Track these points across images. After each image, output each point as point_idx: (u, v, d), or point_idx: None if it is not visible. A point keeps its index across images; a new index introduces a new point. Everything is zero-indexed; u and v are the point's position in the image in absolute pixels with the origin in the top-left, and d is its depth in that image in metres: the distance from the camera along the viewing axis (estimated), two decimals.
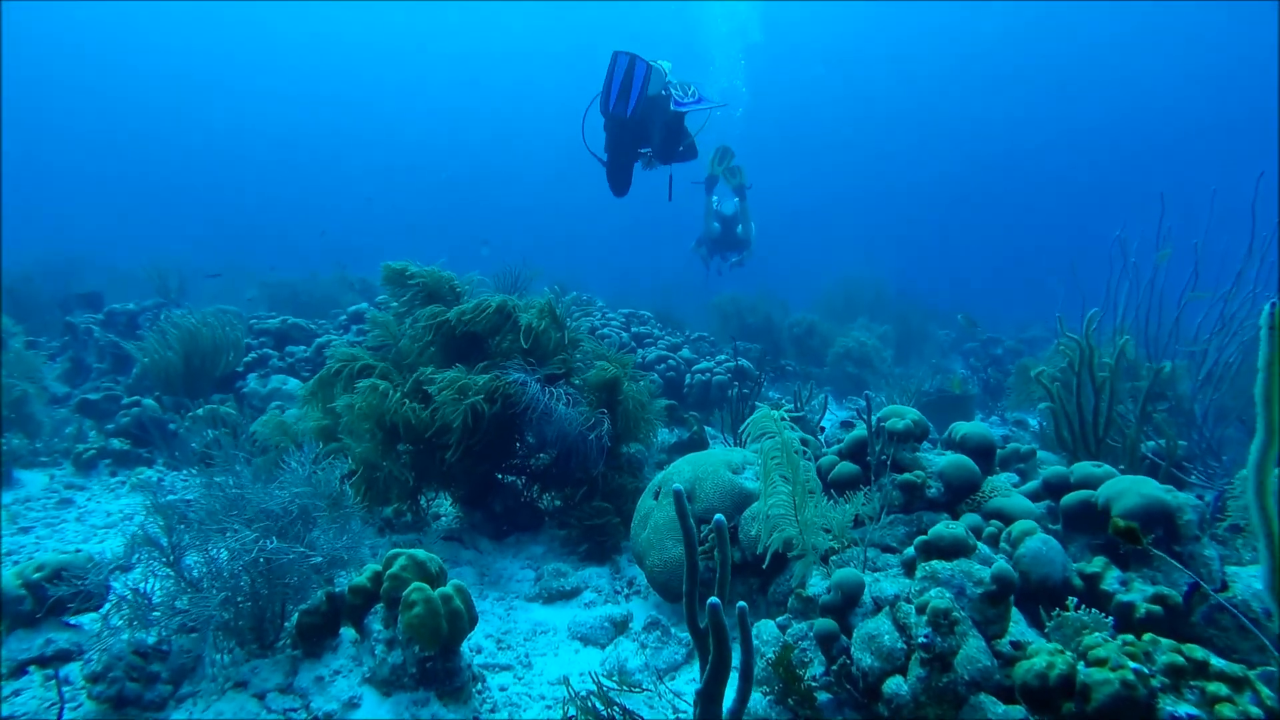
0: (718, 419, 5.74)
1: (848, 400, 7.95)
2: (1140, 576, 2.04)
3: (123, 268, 12.44)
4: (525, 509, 3.78)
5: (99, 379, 5.46)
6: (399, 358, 3.60)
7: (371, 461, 3.23)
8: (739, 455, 3.04)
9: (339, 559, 2.56)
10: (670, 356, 6.29)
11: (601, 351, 3.75)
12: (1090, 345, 2.78)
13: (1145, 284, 3.39)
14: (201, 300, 10.47)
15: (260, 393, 5.64)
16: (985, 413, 7.67)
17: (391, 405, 3.12)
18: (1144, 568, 2.11)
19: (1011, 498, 2.46)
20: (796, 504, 2.17)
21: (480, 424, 3.08)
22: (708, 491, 2.86)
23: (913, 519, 2.63)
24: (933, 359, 10.45)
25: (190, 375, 5.24)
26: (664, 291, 13.61)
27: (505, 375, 3.23)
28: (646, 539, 2.97)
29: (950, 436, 2.77)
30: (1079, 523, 2.35)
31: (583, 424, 3.24)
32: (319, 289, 11.87)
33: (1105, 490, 2.22)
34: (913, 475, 2.61)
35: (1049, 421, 4.43)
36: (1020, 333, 13.75)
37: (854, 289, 11.91)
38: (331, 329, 7.39)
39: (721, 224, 8.73)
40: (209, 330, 5.34)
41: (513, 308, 3.43)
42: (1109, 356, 3.61)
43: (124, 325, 7.10)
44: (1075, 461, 3.44)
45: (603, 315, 7.17)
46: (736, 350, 6.58)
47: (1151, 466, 3.10)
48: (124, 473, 4.25)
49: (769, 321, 9.60)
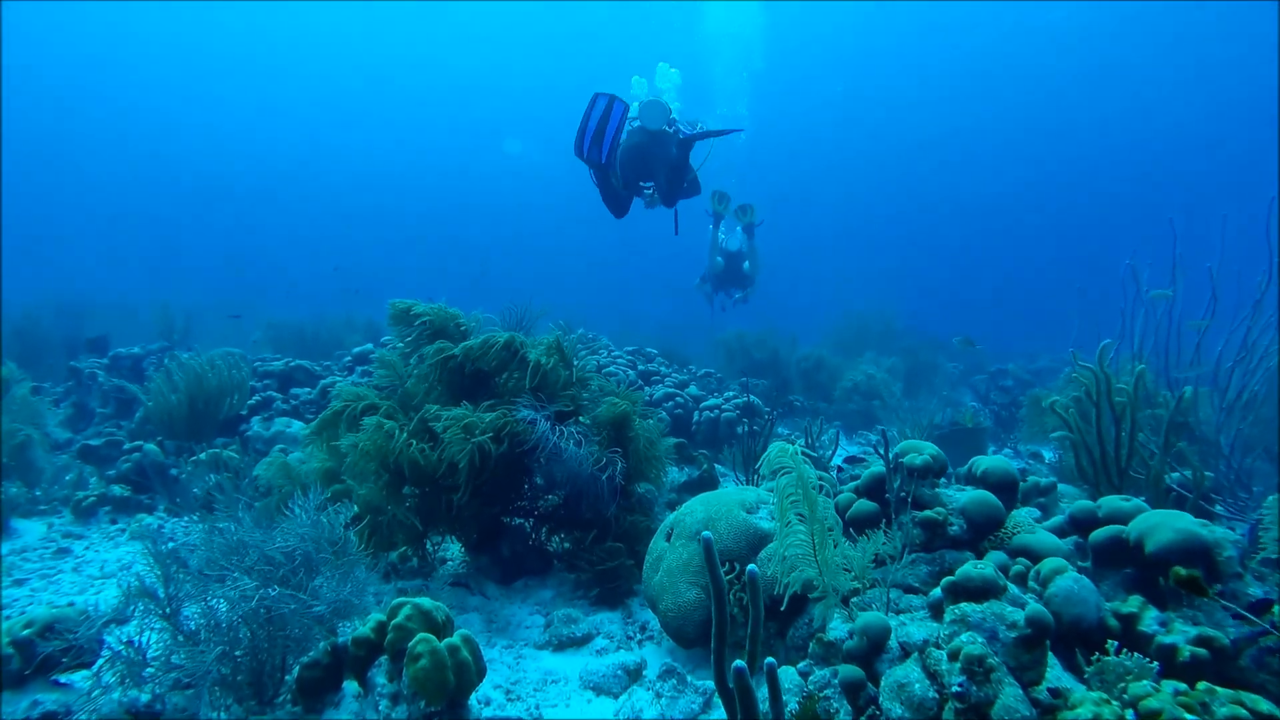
0: (727, 456, 5.65)
1: (857, 435, 7.86)
2: (1180, 616, 1.94)
3: (130, 308, 12.51)
4: (533, 552, 3.69)
5: (101, 424, 5.41)
6: (405, 398, 3.55)
7: (376, 505, 3.16)
8: (752, 494, 2.96)
9: (342, 608, 2.48)
10: (678, 394, 6.23)
11: (610, 388, 3.70)
12: (1106, 373, 2.71)
13: (1161, 312, 3.34)
14: (208, 342, 10.49)
15: (264, 436, 5.59)
16: (997, 445, 7.56)
17: (398, 445, 3.06)
18: (1183, 606, 2.02)
19: (1037, 534, 2.37)
20: (815, 543, 2.09)
21: (487, 464, 3.01)
22: (722, 532, 2.77)
23: (935, 558, 2.54)
24: (942, 391, 10.36)
25: (194, 419, 5.20)
26: (669, 329, 13.61)
27: (514, 413, 3.17)
28: (659, 583, 2.87)
29: (971, 471, 2.69)
30: (1110, 559, 2.25)
31: (594, 464, 3.16)
32: (324, 330, 11.89)
33: (1137, 525, 2.13)
34: (934, 512, 2.52)
35: (1066, 453, 4.34)
36: (1029, 363, 13.66)
37: (861, 322, 11.87)
38: (336, 370, 7.37)
39: (725, 259, 8.67)
40: (214, 373, 5.31)
41: (520, 344, 3.39)
42: (1125, 384, 3.55)
43: (129, 369, 7.09)
44: (1097, 494, 3.35)
45: (609, 353, 7.13)
46: (746, 386, 6.52)
47: (1178, 499, 3.00)
48: (124, 520, 4.17)
49: (776, 356, 9.55)
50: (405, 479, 3.15)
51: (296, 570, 2.26)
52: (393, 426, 3.05)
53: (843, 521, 2.64)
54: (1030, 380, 11.50)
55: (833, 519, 2.04)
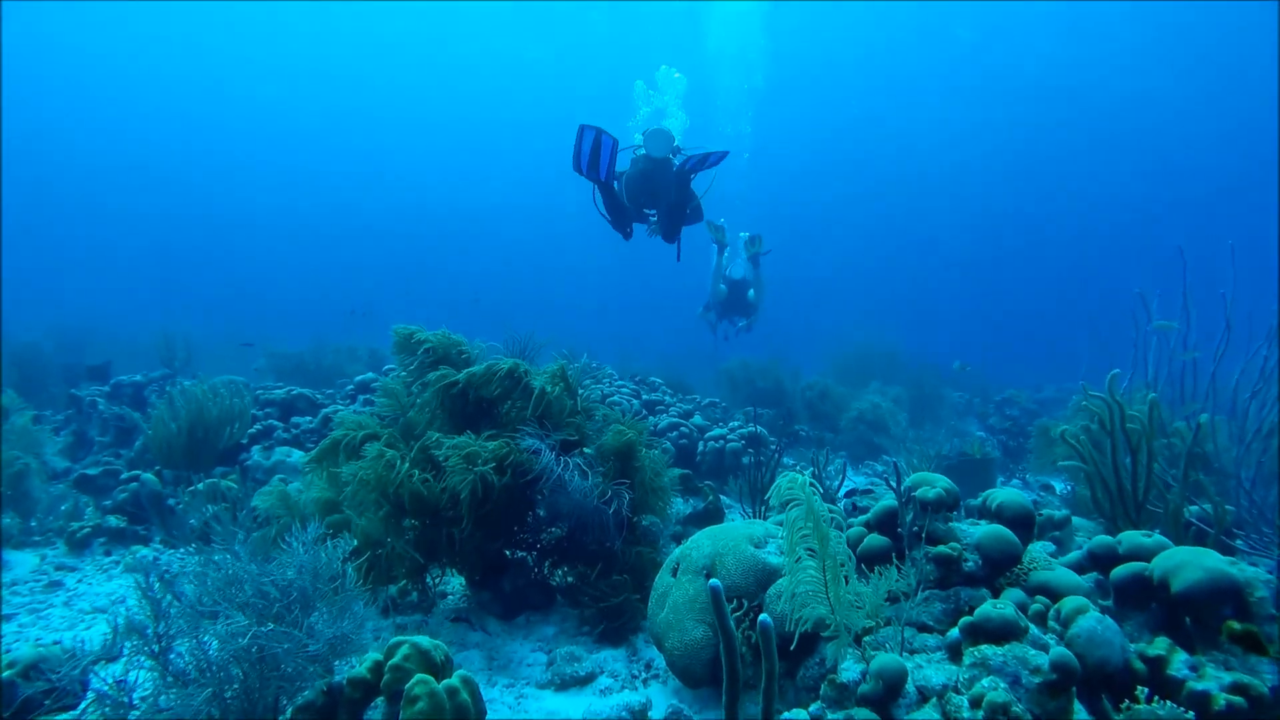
0: (733, 487, 5.57)
1: (863, 465, 7.77)
2: (1212, 660, 1.86)
3: (133, 337, 12.54)
4: (536, 587, 3.60)
5: (100, 453, 5.36)
6: (408, 427, 3.50)
7: (376, 537, 3.09)
8: (760, 528, 2.88)
9: (339, 644, 2.40)
10: (682, 424, 6.17)
11: (615, 417, 3.64)
12: (1118, 403, 2.65)
13: (1174, 342, 3.28)
14: (211, 369, 10.45)
15: (264, 465, 5.53)
16: (1005, 476, 7.46)
17: (399, 476, 3.00)
18: (1213, 650, 1.93)
19: (1056, 571, 2.30)
20: (827, 579, 2.01)
21: (490, 494, 2.95)
22: (729, 568, 2.69)
23: (950, 595, 2.46)
24: (949, 421, 10.28)
25: (193, 448, 5.14)
26: (672, 358, 13.57)
27: (517, 442, 3.12)
28: (665, 619, 2.78)
29: (985, 505, 2.62)
30: (1133, 598, 2.17)
31: (599, 496, 3.10)
32: (326, 359, 11.88)
33: (1161, 563, 2.06)
34: (948, 548, 2.45)
35: (1079, 485, 4.26)
36: (1035, 393, 13.57)
37: (866, 351, 11.82)
38: (339, 398, 7.32)
39: (729, 287, 8.66)
40: (216, 401, 5.27)
41: (524, 372, 3.35)
42: (1139, 413, 3.49)
43: (130, 397, 7.05)
44: (1114, 528, 3.27)
45: (612, 382, 7.09)
46: (754, 416, 6.46)
47: (1198, 534, 2.92)
48: (119, 552, 4.10)
49: (780, 386, 9.48)
50: (406, 510, 3.09)
51: (291, 606, 2.19)
52: (394, 456, 2.99)
53: (854, 556, 2.56)
54: (1036, 409, 11.41)
55: (844, 554, 1.97)
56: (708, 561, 2.79)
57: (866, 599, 2.22)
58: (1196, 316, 3.31)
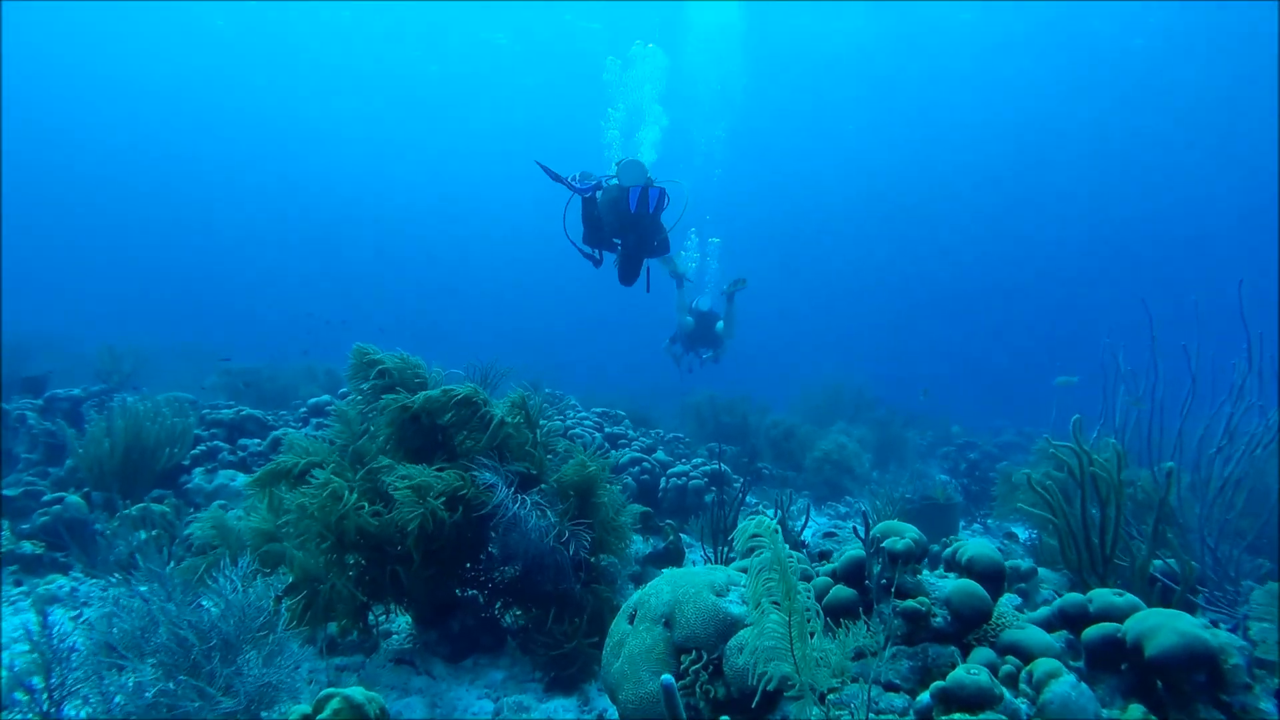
0: (694, 526, 5.44)
1: (826, 506, 7.70)
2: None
3: (79, 349, 12.04)
4: (486, 627, 3.42)
5: (24, 471, 5.02)
6: (358, 455, 3.31)
7: (316, 573, 2.89)
8: (722, 575, 2.76)
9: (268, 693, 2.20)
10: (644, 459, 6.04)
11: (576, 450, 3.50)
12: (1085, 451, 2.61)
13: (1143, 392, 3.29)
14: (158, 385, 10.03)
15: (205, 489, 5.24)
16: (967, 520, 7.46)
17: (345, 508, 2.81)
18: (1185, 717, 1.86)
19: (1027, 630, 2.22)
20: (793, 635, 1.90)
21: (441, 531, 2.78)
22: (689, 617, 2.56)
23: (918, 651, 2.36)
24: (911, 464, 10.31)
25: (128, 469, 4.84)
26: (637, 391, 13.48)
27: (472, 475, 2.96)
28: (620, 670, 2.63)
29: (955, 558, 2.54)
30: (1105, 661, 2.10)
31: (556, 536, 2.95)
32: (281, 378, 11.52)
33: (1135, 625, 1.99)
34: (916, 603, 2.36)
35: (1046, 534, 4.23)
36: (994, 437, 13.75)
37: (834, 392, 11.86)
38: (291, 420, 7.04)
39: (696, 318, 8.68)
40: (155, 421, 4.99)
41: (483, 400, 3.20)
42: (1107, 460, 3.47)
43: (66, 412, 6.69)
44: (1080, 581, 3.22)
45: (576, 413, 6.94)
46: (717, 454, 6.37)
47: (1163, 590, 2.88)
48: (31, 581, 3.78)
49: (745, 423, 9.42)
50: (349, 545, 2.90)
51: (211, 654, 1.99)
52: (340, 486, 2.81)
53: (820, 611, 2.46)
54: (997, 454, 11.53)
55: (812, 608, 1.87)
56: (667, 609, 2.65)
57: (832, 656, 2.11)
58: (1165, 368, 3.32)
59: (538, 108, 31.35)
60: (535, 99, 30.79)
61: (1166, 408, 3.21)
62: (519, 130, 33.13)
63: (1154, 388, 3.29)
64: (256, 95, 33.84)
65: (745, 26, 17.43)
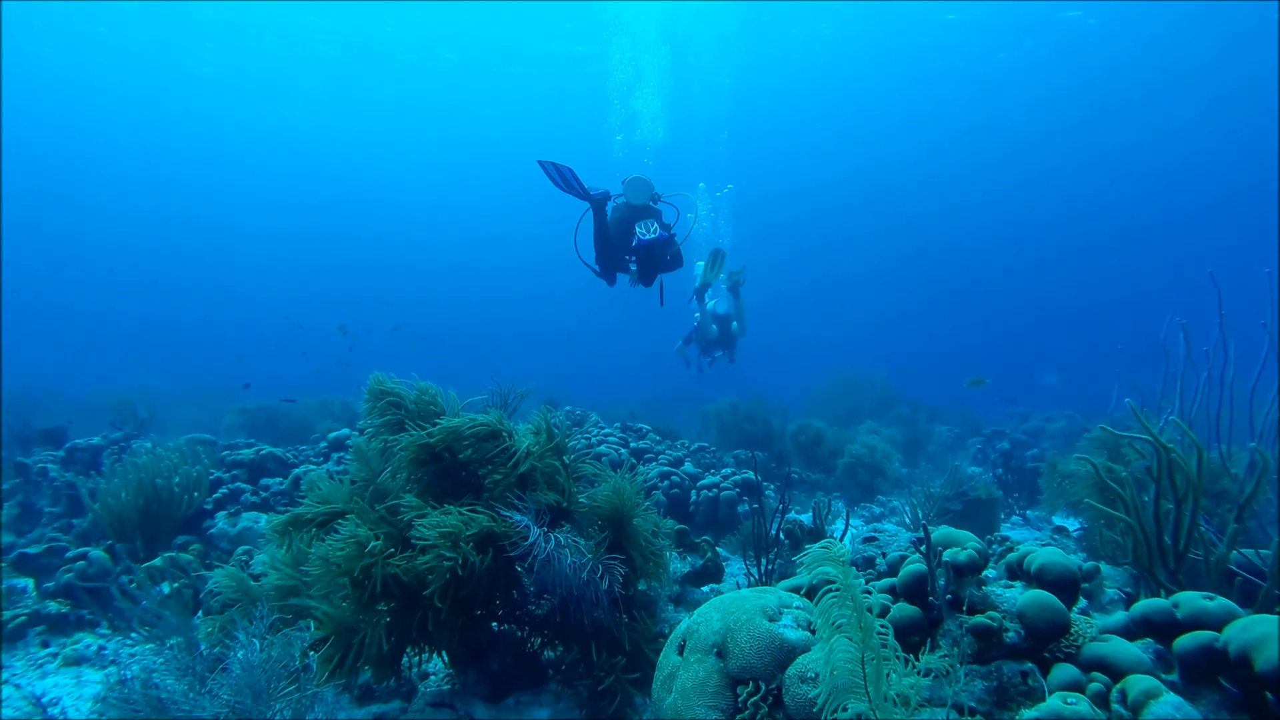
0: (730, 540, 5.30)
1: (860, 507, 7.52)
2: None
3: (96, 396, 12.10)
4: (526, 663, 3.28)
5: (48, 525, 4.95)
6: (379, 494, 3.20)
7: (349, 624, 2.76)
8: (773, 597, 2.61)
9: None
10: (674, 473, 5.90)
11: (606, 474, 3.36)
12: (1166, 447, 2.44)
13: (1212, 374, 3.10)
14: (177, 429, 10.02)
15: (229, 533, 5.16)
16: (1005, 512, 7.25)
17: (373, 558, 2.68)
18: None
19: (1112, 643, 2.05)
20: (866, 674, 1.75)
21: (472, 574, 2.66)
22: (743, 646, 2.41)
23: (991, 670, 2.20)
24: (941, 458, 10.10)
25: (150, 519, 4.76)
26: (655, 400, 13.36)
27: (501, 515, 2.83)
28: (673, 705, 2.48)
29: (1024, 566, 2.38)
30: (1202, 675, 1.93)
31: (590, 570, 2.81)
32: (298, 413, 11.51)
33: (1237, 635, 1.82)
34: (986, 618, 2.20)
35: (1098, 525, 4.03)
36: (1021, 424, 13.49)
37: (855, 392, 11.66)
38: (311, 455, 6.96)
39: (718, 324, 8.69)
40: (166, 473, 4.91)
41: (507, 432, 3.07)
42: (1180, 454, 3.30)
43: (87, 462, 6.64)
44: (1150, 579, 3.04)
45: (599, 430, 6.82)
46: (749, 462, 6.23)
47: (1244, 584, 2.69)
48: (59, 642, 3.69)
49: (769, 429, 9.27)
50: (379, 595, 2.77)
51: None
52: (367, 536, 2.69)
53: (897, 648, 2.31)
54: (1027, 441, 11.29)
55: (891, 645, 1.72)
56: (718, 639, 2.51)
57: (906, 687, 1.96)
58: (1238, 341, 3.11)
59: (543, 111, 31.31)
60: (543, 102, 30.70)
61: (1237, 389, 3.02)
62: (513, 132, 33.22)
63: (1223, 368, 3.09)
64: (248, 118, 33.96)
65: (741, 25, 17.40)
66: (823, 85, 28.21)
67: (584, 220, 6.01)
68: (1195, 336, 3.29)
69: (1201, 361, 3.07)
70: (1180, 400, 3.22)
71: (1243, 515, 2.43)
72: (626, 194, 5.91)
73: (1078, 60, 24.06)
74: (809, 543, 4.91)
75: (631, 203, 5.89)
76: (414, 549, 2.69)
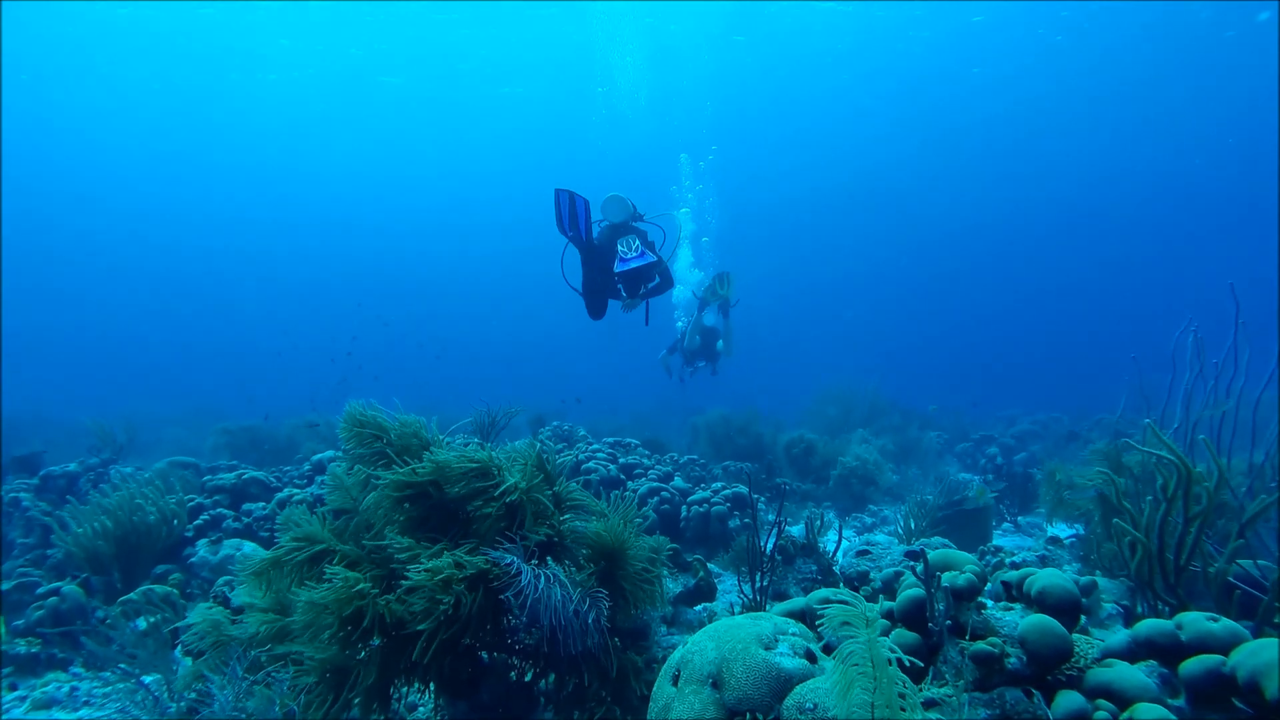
0: (722, 556, 5.23)
1: (851, 518, 7.47)
2: None
3: (74, 421, 11.89)
4: (517, 693, 3.20)
5: (19, 558, 4.80)
6: (361, 528, 3.11)
7: (336, 665, 2.66)
8: (769, 624, 2.55)
9: None
10: (663, 488, 5.83)
11: (595, 508, 3.26)
12: (1188, 466, 2.40)
13: (1218, 385, 3.07)
14: (157, 454, 9.83)
15: (211, 562, 5.03)
16: (997, 519, 7.23)
17: (364, 600, 2.59)
18: None
19: (1116, 669, 2.00)
20: None
21: (460, 611, 2.58)
22: (739, 676, 2.34)
23: (993, 698, 2.15)
24: (931, 465, 10.09)
25: (128, 549, 4.63)
26: (643, 414, 13.30)
27: (492, 556, 2.74)
28: None
29: (1024, 589, 2.33)
30: (1211, 700, 1.89)
31: (580, 602, 2.74)
32: (283, 432, 11.36)
33: (1245, 660, 1.78)
34: (988, 644, 2.15)
35: (1095, 533, 4.00)
36: (1009, 427, 13.54)
37: (846, 403, 11.68)
38: (296, 477, 6.83)
39: (703, 335, 8.68)
40: (151, 499, 4.78)
41: (498, 468, 2.97)
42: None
43: (62, 490, 6.48)
44: (1149, 593, 3.00)
45: (587, 445, 6.74)
46: (738, 475, 6.18)
47: (1244, 598, 2.66)
48: (28, 684, 3.55)
49: (759, 441, 9.23)
50: (370, 632, 2.69)
51: None
52: (356, 578, 2.60)
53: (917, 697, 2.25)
54: (1015, 445, 11.32)
55: (911, 695, 1.66)
56: (713, 669, 2.43)
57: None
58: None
59: (528, 119, 31.25)
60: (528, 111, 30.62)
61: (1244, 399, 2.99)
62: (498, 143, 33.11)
63: (1232, 379, 3.05)
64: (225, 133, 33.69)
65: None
66: (808, 90, 28.36)
67: (568, 249, 5.97)
68: (1206, 346, 3.27)
69: (1210, 372, 3.05)
70: (1185, 409, 3.20)
71: (1245, 531, 2.40)
72: (605, 214, 5.92)
73: (1065, 60, 24.31)
74: (801, 558, 4.84)
75: (612, 222, 5.89)
76: (401, 588, 2.61)
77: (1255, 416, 2.92)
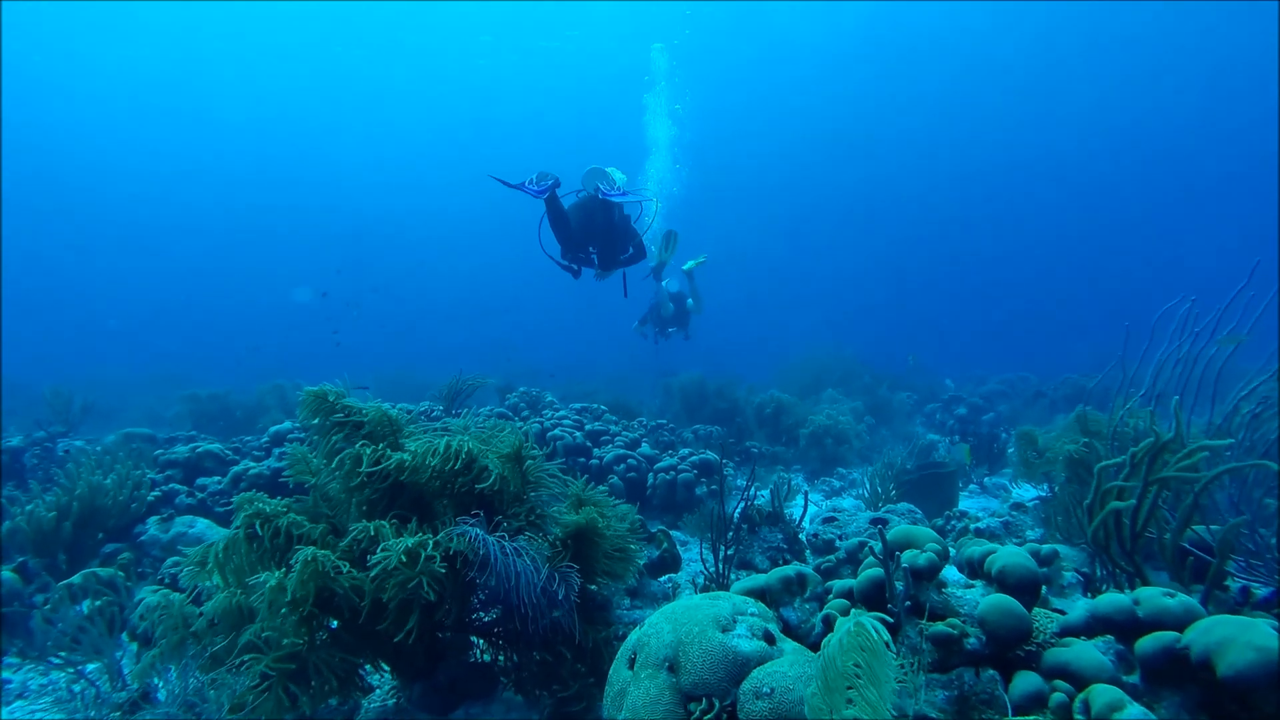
0: (688, 521, 5.21)
1: (820, 481, 7.50)
2: None
3: (36, 390, 11.50)
4: (475, 673, 3.14)
5: None
6: (321, 504, 2.97)
7: (301, 655, 2.55)
8: (727, 605, 2.49)
9: None
10: (630, 455, 5.76)
11: (566, 492, 3.16)
12: (1162, 438, 2.35)
13: (1191, 347, 3.02)
14: (119, 422, 9.54)
15: (161, 540, 4.88)
16: (964, 480, 7.30)
17: (330, 576, 2.47)
18: None
19: (1074, 648, 1.98)
20: None
21: (425, 590, 2.50)
22: (695, 660, 2.29)
23: (952, 679, 2.12)
24: (899, 425, 10.16)
25: (74, 528, 4.46)
26: (616, 377, 13.23)
27: (459, 532, 2.63)
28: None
29: (985, 568, 2.30)
30: (1165, 677, 1.87)
31: (547, 579, 2.66)
32: (250, 400, 11.09)
33: (1199, 638, 1.75)
34: (947, 625, 2.11)
35: (1066, 509, 4.01)
36: (978, 387, 13.67)
37: (820, 362, 11.72)
38: (255, 449, 6.64)
39: (674, 302, 8.73)
40: (104, 476, 4.60)
41: (476, 461, 2.84)
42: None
43: (6, 465, 6.24)
44: (1107, 560, 3.00)
45: (554, 414, 6.63)
46: (714, 440, 6.19)
47: (1196, 564, 2.66)
48: None
49: (734, 403, 9.24)
50: (330, 611, 2.60)
51: None
52: (325, 556, 2.48)
53: None
54: (983, 405, 11.44)
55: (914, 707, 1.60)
56: (670, 652, 2.38)
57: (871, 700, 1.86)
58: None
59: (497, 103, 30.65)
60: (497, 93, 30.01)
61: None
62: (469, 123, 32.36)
63: (1210, 341, 3.01)
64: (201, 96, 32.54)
65: None
66: (781, 45, 27.89)
67: (545, 219, 5.96)
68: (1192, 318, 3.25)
69: (1188, 342, 3.02)
70: (1155, 379, 3.17)
71: (1199, 497, 2.38)
72: (585, 186, 6.06)
73: (1036, 17, 24.09)
74: (767, 526, 4.78)
75: (588, 191, 5.98)
76: (366, 567, 2.50)
77: (1217, 380, 2.91)
